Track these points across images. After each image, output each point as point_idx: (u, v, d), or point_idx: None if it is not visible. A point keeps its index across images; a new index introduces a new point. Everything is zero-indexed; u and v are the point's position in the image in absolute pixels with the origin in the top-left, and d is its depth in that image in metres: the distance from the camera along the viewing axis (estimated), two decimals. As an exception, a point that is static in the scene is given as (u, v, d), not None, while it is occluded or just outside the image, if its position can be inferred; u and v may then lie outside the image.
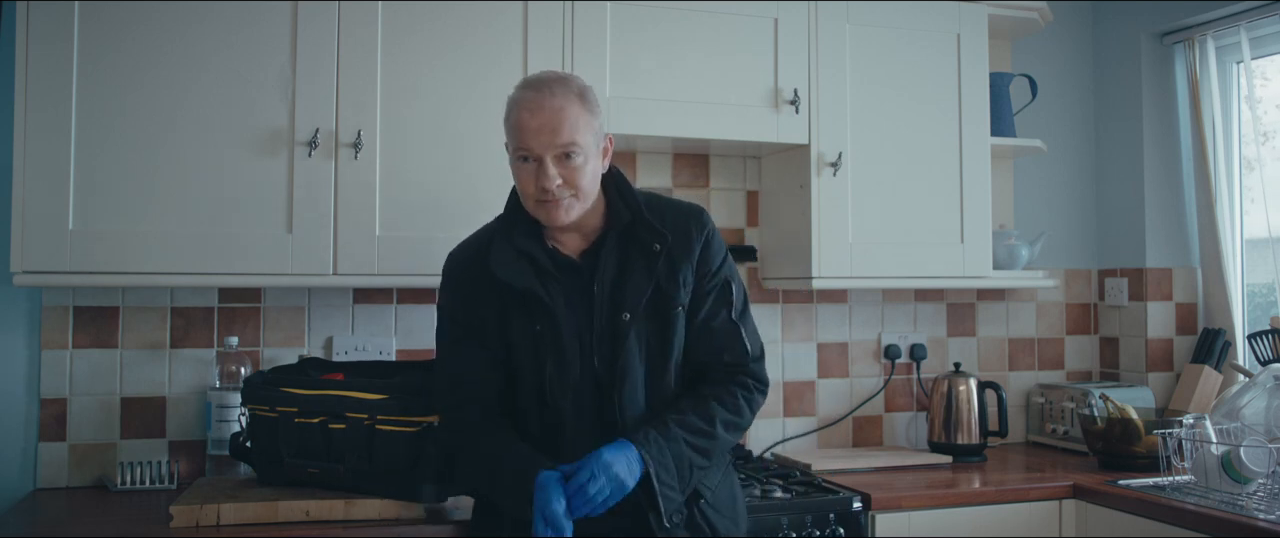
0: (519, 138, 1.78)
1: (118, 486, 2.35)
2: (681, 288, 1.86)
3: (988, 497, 2.47)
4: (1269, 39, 2.92)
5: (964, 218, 2.78)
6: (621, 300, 1.82)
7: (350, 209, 2.30)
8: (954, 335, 3.14)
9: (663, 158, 2.88)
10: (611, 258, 1.86)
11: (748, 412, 1.90)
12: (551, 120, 1.75)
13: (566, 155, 1.77)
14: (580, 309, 1.84)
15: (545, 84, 1.80)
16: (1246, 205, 3.09)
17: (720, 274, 1.91)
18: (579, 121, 1.77)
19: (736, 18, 2.59)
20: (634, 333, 1.82)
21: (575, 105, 1.78)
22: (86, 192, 2.16)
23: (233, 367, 2.43)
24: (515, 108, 1.80)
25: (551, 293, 1.82)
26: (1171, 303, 3.14)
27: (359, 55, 2.31)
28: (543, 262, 1.84)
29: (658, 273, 1.84)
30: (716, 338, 1.89)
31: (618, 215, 1.88)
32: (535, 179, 1.78)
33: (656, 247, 1.84)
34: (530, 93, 1.79)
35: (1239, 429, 2.42)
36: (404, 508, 2.07)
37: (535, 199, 1.80)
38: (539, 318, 1.82)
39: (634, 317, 1.82)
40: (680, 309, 1.86)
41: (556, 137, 1.75)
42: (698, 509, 1.86)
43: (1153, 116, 3.15)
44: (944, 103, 2.78)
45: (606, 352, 1.82)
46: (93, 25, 2.17)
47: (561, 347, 1.81)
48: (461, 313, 1.89)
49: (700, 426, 1.82)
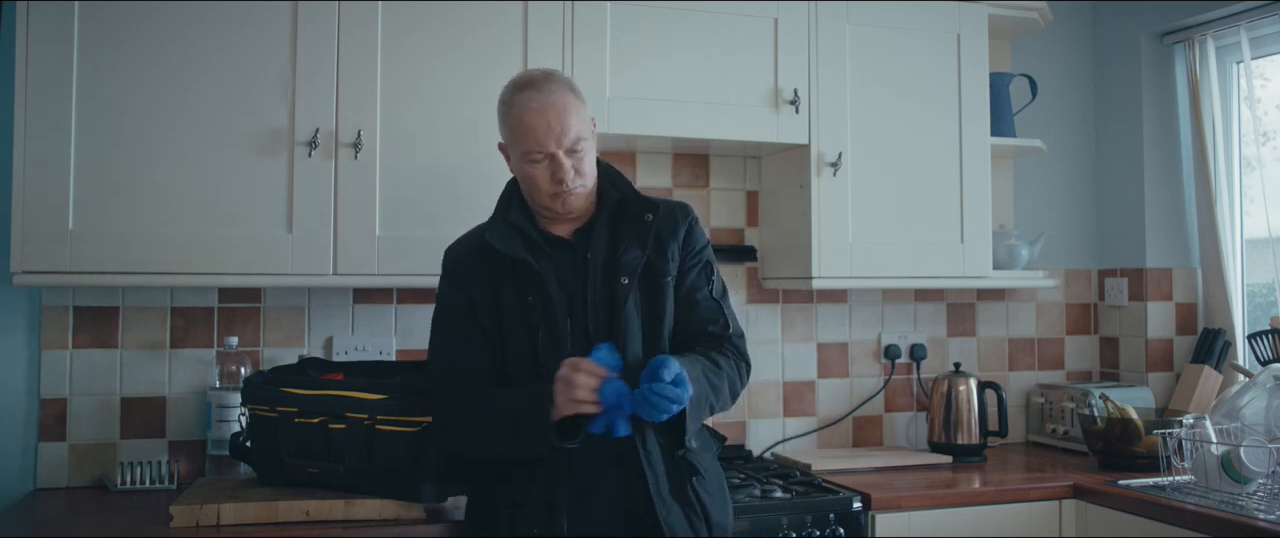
0: (529, 140, 1.84)
1: (118, 486, 2.35)
2: (670, 261, 1.94)
3: (988, 497, 2.47)
4: (1269, 39, 2.92)
5: (964, 218, 2.78)
6: (617, 269, 1.89)
7: (350, 209, 2.30)
8: (954, 335, 3.14)
9: (663, 158, 2.88)
10: (603, 233, 1.93)
11: (740, 377, 1.97)
12: (558, 119, 1.83)
13: (574, 147, 1.85)
14: (571, 281, 1.90)
15: (540, 83, 1.86)
16: (1246, 205, 3.09)
17: (703, 254, 2.00)
18: (576, 111, 1.86)
19: (736, 18, 2.59)
20: (631, 298, 1.88)
21: (571, 98, 1.87)
22: (86, 192, 2.16)
23: (233, 367, 2.43)
24: (517, 111, 1.85)
25: (542, 265, 1.88)
26: (1171, 303, 3.14)
27: (359, 55, 2.31)
28: (534, 237, 1.91)
29: (649, 244, 1.91)
30: (702, 308, 1.97)
31: (607, 196, 1.95)
32: (551, 176, 1.85)
33: (649, 216, 1.93)
34: (530, 94, 1.85)
35: (1239, 429, 2.42)
36: (404, 508, 2.07)
37: (550, 194, 1.87)
38: (530, 288, 1.87)
39: (630, 282, 1.88)
40: (669, 279, 1.94)
41: (566, 134, 1.84)
42: (691, 486, 1.89)
43: (1153, 116, 3.15)
44: (944, 103, 2.78)
45: (602, 318, 1.88)
46: (93, 25, 2.17)
47: (552, 315, 1.86)
48: (456, 296, 1.94)
49: (708, 365, 1.89)
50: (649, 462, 1.85)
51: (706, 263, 2.00)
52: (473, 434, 1.87)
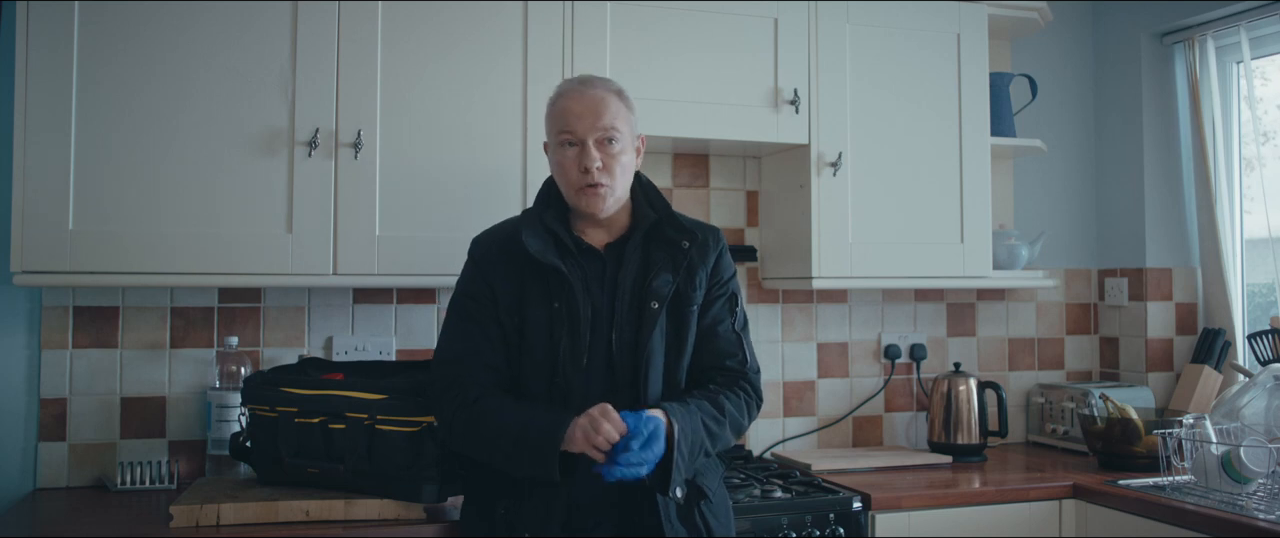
0: (564, 122, 1.90)
1: (118, 486, 2.35)
2: (697, 289, 1.94)
3: (988, 497, 2.47)
4: (1269, 39, 2.92)
5: (964, 218, 2.78)
6: (648, 291, 1.89)
7: (350, 209, 2.30)
8: (954, 335, 3.14)
9: (663, 158, 2.88)
10: (636, 252, 1.93)
11: (747, 415, 1.96)
12: (595, 106, 1.89)
13: (608, 140, 1.88)
14: (599, 294, 1.90)
15: (587, 79, 1.96)
16: (1246, 205, 3.09)
17: (729, 286, 2.00)
18: (619, 112, 1.91)
19: (736, 18, 2.59)
20: (659, 324, 1.88)
21: (614, 98, 1.92)
22: (86, 192, 2.15)
23: (233, 367, 2.43)
24: (559, 98, 1.94)
25: (572, 272, 1.88)
26: (1171, 303, 3.14)
27: (359, 55, 2.31)
28: (568, 243, 1.91)
29: (680, 271, 1.91)
30: (722, 342, 1.96)
31: (643, 216, 1.96)
32: (578, 162, 1.88)
33: (685, 243, 1.94)
34: (574, 85, 1.95)
35: (1239, 429, 2.42)
36: (404, 508, 2.07)
37: (577, 186, 1.89)
38: (558, 295, 1.87)
39: (661, 307, 1.89)
40: (695, 309, 1.94)
41: (599, 119, 1.88)
42: (699, 510, 1.87)
43: (1153, 116, 3.15)
44: (944, 103, 2.78)
45: (628, 337, 1.88)
46: (93, 25, 2.17)
47: (577, 324, 1.85)
48: (479, 286, 1.92)
49: (712, 411, 1.88)
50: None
51: (732, 294, 2.00)
52: (476, 432, 1.84)
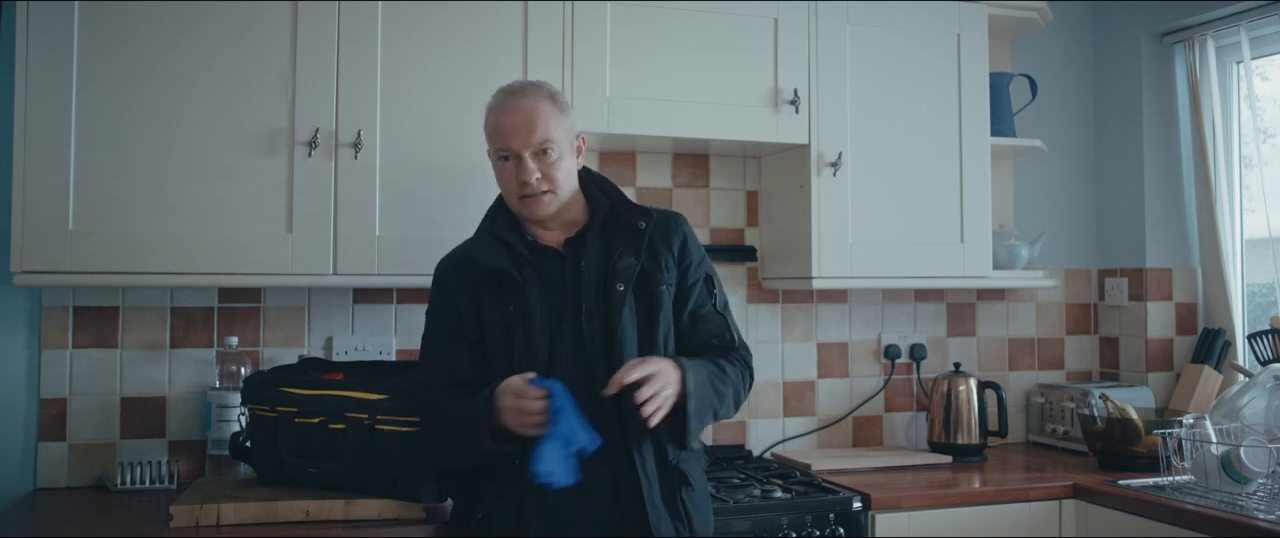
0: (498, 139, 1.92)
1: (118, 486, 2.35)
2: (665, 269, 1.95)
3: (988, 497, 2.47)
4: (1269, 39, 2.92)
5: (964, 218, 2.78)
6: (612, 276, 1.91)
7: (350, 209, 2.30)
8: (954, 335, 3.14)
9: (663, 158, 2.88)
10: (597, 241, 1.95)
11: (744, 384, 2.00)
12: (526, 119, 1.89)
13: (543, 151, 1.89)
14: (563, 291, 1.92)
15: (517, 89, 1.95)
16: (1246, 205, 3.09)
17: (702, 268, 2.02)
18: (551, 120, 1.90)
19: (736, 18, 2.59)
20: (627, 305, 1.90)
21: (546, 105, 1.92)
22: (86, 192, 2.15)
23: (233, 367, 2.43)
24: (491, 113, 1.96)
25: (525, 276, 1.90)
26: (1171, 303, 3.14)
27: (359, 55, 2.31)
28: (519, 248, 1.93)
29: (643, 251, 1.93)
30: (707, 324, 1.99)
31: (598, 206, 1.98)
32: (516, 176, 1.90)
33: (641, 224, 1.95)
34: (504, 97, 1.95)
35: (1239, 429, 2.42)
36: (404, 508, 2.07)
37: (517, 196, 1.91)
38: (511, 299, 1.89)
39: (626, 289, 1.90)
40: (665, 288, 1.95)
41: (532, 134, 1.88)
42: (681, 497, 1.90)
43: (1153, 116, 3.15)
44: (944, 103, 2.78)
45: (598, 327, 1.89)
46: (93, 25, 2.17)
47: (530, 325, 1.87)
48: (442, 307, 1.98)
49: (713, 368, 1.91)
50: (643, 469, 1.86)
51: (707, 276, 2.02)
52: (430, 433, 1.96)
